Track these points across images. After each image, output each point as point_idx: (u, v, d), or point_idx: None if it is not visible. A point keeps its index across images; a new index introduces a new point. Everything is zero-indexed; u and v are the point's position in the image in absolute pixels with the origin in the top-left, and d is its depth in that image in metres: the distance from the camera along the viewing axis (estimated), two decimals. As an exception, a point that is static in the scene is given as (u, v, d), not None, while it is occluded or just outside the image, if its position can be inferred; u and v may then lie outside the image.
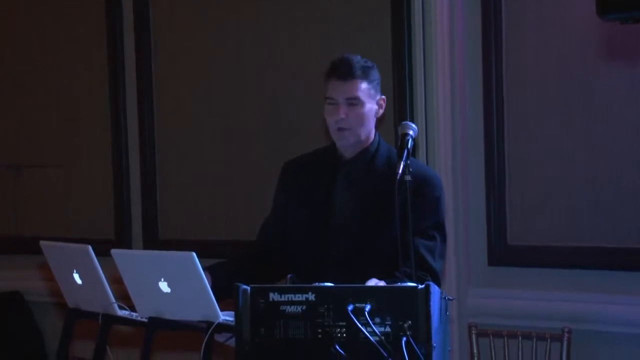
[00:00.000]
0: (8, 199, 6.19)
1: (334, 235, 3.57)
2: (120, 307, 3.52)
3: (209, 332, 3.22)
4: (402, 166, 3.34)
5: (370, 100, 3.61)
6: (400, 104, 4.98)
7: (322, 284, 3.09)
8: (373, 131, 3.67)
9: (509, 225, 4.80)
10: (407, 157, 3.37)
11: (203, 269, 3.31)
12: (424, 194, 3.59)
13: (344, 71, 3.59)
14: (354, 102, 3.57)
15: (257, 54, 5.46)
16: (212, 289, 3.28)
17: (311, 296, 2.98)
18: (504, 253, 4.80)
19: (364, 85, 3.58)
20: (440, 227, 3.64)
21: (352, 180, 3.47)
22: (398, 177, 3.32)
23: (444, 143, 4.81)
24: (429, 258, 3.54)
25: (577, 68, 4.66)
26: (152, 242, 5.71)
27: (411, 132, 3.47)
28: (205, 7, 5.63)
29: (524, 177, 4.80)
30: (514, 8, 4.78)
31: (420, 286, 2.95)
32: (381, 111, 3.68)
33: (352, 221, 3.50)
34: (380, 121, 3.79)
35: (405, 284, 3.05)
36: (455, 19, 4.89)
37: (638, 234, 4.53)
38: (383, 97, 3.68)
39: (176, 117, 5.75)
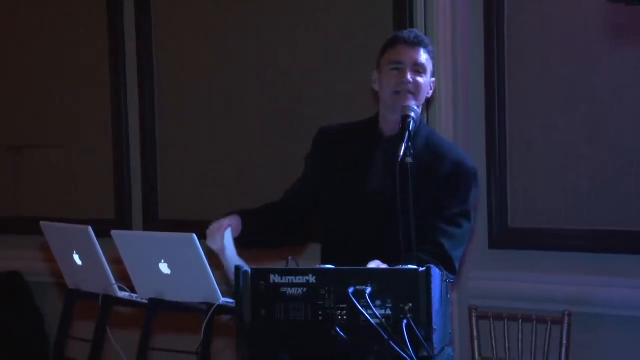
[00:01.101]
0: (9, 180, 6.20)
1: (368, 211, 3.53)
2: (121, 289, 3.54)
3: (210, 314, 3.23)
4: (403, 148, 3.30)
5: (429, 75, 3.63)
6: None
7: (322, 266, 3.09)
8: (419, 112, 3.61)
9: (510, 208, 4.82)
10: (409, 139, 3.34)
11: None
12: (457, 182, 3.58)
13: (413, 38, 3.63)
14: (420, 70, 3.59)
15: (257, 44, 5.47)
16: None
17: (312, 278, 2.97)
18: (504, 236, 4.81)
19: (427, 57, 3.62)
20: (467, 216, 3.59)
21: (390, 160, 3.39)
22: (399, 159, 3.28)
23: (446, 127, 4.81)
24: (447, 245, 3.51)
25: (580, 51, 4.67)
26: (153, 223, 5.73)
27: (412, 114, 3.45)
28: None
29: (525, 160, 4.81)
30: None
31: (421, 269, 2.93)
32: (431, 92, 3.68)
33: (385, 198, 3.41)
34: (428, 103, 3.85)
35: (406, 267, 3.02)
36: (458, 7, 4.89)
37: (639, 216, 4.52)
38: (434, 79, 3.69)
39: (176, 99, 5.75)
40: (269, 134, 5.38)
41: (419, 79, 3.55)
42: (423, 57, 3.59)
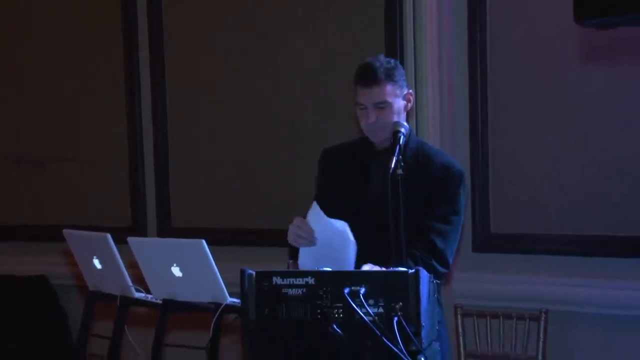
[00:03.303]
0: (33, 191, 6.15)
1: (368, 215, 3.53)
2: (137, 290, 3.58)
3: (218, 313, 3.26)
4: (394, 161, 3.31)
5: (397, 98, 3.56)
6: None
7: (320, 269, 3.09)
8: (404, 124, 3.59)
9: (492, 215, 4.81)
10: (399, 153, 3.34)
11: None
12: (446, 184, 3.58)
13: (369, 78, 3.53)
14: (382, 106, 3.52)
15: (265, 54, 5.43)
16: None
17: (311, 280, 2.99)
18: (487, 240, 4.81)
19: (389, 88, 3.52)
20: (457, 214, 3.61)
21: (385, 170, 3.40)
22: (391, 170, 3.30)
23: (433, 136, 4.80)
24: (439, 243, 3.52)
25: (562, 61, 4.65)
26: (166, 230, 5.71)
27: (402, 130, 3.45)
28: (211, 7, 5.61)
29: (506, 171, 4.80)
30: (498, 9, 4.76)
31: (410, 271, 2.95)
32: (410, 105, 3.63)
33: (382, 207, 3.38)
34: (410, 114, 3.79)
35: (396, 269, 3.04)
36: (444, 21, 4.88)
37: (610, 222, 4.53)
38: (410, 91, 3.64)
39: (188, 113, 5.73)
40: (277, 145, 5.35)
41: (383, 115, 3.51)
42: (382, 92, 3.52)
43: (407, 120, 3.65)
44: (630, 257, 4.47)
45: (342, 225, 3.37)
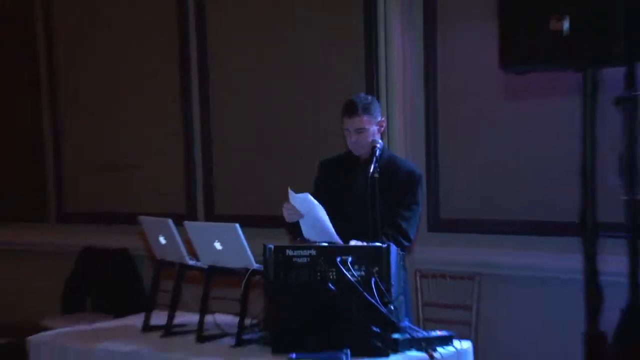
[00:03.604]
0: (118, 188, 6.09)
1: (354, 206, 3.54)
2: (190, 259, 3.57)
3: (247, 275, 3.25)
4: (372, 167, 3.36)
5: (372, 125, 3.57)
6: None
7: (320, 244, 3.12)
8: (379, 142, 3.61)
9: (441, 204, 4.78)
10: (376, 161, 3.40)
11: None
12: (409, 184, 3.62)
13: (351, 111, 3.56)
14: (360, 131, 3.55)
15: (288, 67, 5.25)
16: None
17: (313, 252, 3.02)
18: (438, 223, 4.79)
19: (365, 118, 3.53)
20: (416, 204, 3.65)
21: (365, 174, 3.42)
22: (369, 174, 3.32)
23: (400, 149, 4.75)
24: (404, 225, 3.55)
25: (490, 97, 4.60)
26: (211, 216, 5.66)
27: (378, 145, 3.51)
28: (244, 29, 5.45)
29: (451, 173, 4.77)
30: (447, 60, 4.74)
31: (383, 245, 2.98)
32: (382, 129, 3.65)
33: (364, 200, 3.42)
34: (383, 134, 3.86)
35: (373, 244, 3.05)
36: (407, 68, 4.86)
37: (528, 210, 4.52)
38: (382, 119, 3.66)
39: (229, 121, 5.57)
40: (299, 150, 5.19)
41: (361, 137, 3.55)
42: (360, 121, 3.54)
43: (382, 138, 3.71)
44: (542, 235, 4.46)
45: (305, 196, 3.41)
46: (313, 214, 3.41)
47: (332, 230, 3.42)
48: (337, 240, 3.43)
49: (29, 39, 6.32)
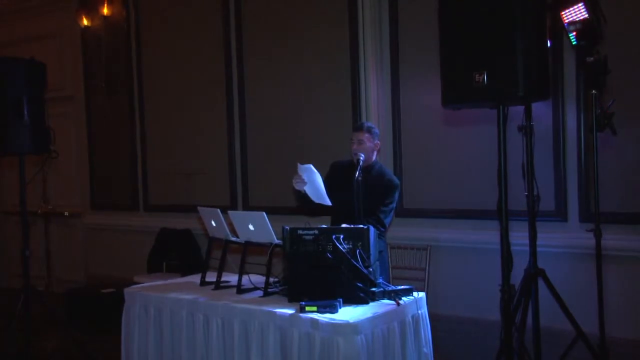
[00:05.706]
0: (185, 187, 6.00)
1: (348, 202, 3.46)
2: (233, 236, 3.53)
3: (271, 247, 3.23)
4: (357, 173, 3.34)
5: (370, 143, 3.53)
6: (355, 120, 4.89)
7: (322, 227, 3.08)
8: (373, 157, 3.59)
9: (404, 198, 4.73)
10: (359, 169, 3.36)
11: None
12: (388, 189, 3.54)
13: (358, 127, 3.58)
14: (360, 142, 3.51)
15: (301, 94, 5.03)
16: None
17: (317, 232, 2.98)
18: (402, 211, 4.73)
19: (366, 135, 3.52)
20: (392, 203, 3.55)
21: (363, 178, 3.41)
22: (355, 178, 3.29)
23: (384, 159, 4.67)
24: (381, 216, 3.50)
25: (435, 124, 4.56)
26: (247, 206, 5.59)
27: (361, 157, 3.47)
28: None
29: (411, 176, 4.70)
30: (409, 91, 4.65)
31: (365, 227, 2.96)
32: (377, 149, 3.59)
33: (361, 196, 3.39)
34: (379, 152, 3.77)
35: (359, 226, 3.05)
36: (380, 101, 4.77)
37: (464, 199, 4.45)
38: (378, 142, 3.59)
39: (258, 138, 5.43)
40: (312, 149, 4.98)
41: (359, 147, 3.53)
42: (361, 136, 3.52)
43: (377, 155, 3.67)
44: (470, 219, 4.41)
45: (309, 166, 3.28)
46: (315, 180, 3.32)
47: (325, 194, 3.38)
48: (327, 201, 3.32)
49: (126, 79, 6.30)
